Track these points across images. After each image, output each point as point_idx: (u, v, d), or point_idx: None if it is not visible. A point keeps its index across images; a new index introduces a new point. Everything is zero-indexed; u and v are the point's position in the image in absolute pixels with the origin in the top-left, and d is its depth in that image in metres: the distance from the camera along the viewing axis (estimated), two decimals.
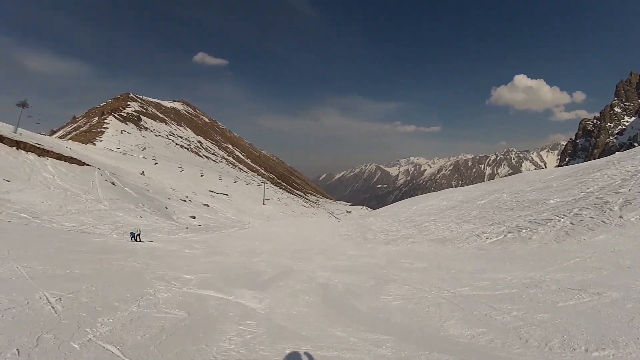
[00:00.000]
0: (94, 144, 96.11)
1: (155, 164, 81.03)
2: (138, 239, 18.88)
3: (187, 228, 28.45)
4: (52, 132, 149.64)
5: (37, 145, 33.69)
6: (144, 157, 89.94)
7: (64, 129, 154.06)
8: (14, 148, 31.58)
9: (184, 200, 46.00)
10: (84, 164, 36.86)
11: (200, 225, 34.17)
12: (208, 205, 48.34)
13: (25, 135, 37.69)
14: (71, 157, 36.20)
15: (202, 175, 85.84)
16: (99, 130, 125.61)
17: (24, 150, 32.12)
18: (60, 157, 34.64)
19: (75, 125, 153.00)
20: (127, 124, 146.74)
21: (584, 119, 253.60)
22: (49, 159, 33.16)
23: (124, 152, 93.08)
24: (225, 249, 19.59)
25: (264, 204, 78.16)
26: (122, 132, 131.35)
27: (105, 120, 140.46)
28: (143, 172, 58.28)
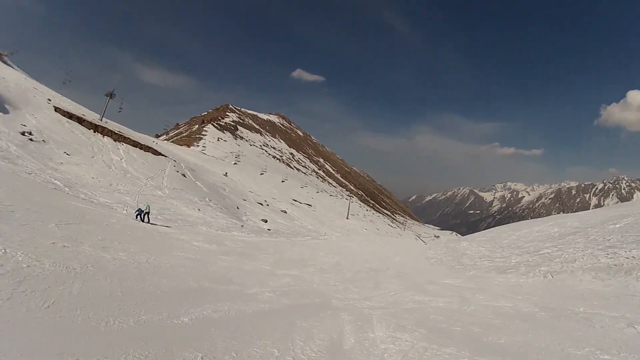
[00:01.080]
0: (188, 147, 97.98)
1: (262, 173, 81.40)
2: (144, 219, 15.48)
3: (241, 226, 24.72)
4: (157, 136, 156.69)
5: (115, 131, 32.35)
6: (235, 163, 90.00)
7: (167, 134, 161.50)
8: (92, 130, 30.69)
9: (261, 204, 43.09)
10: (160, 154, 35.24)
11: (269, 229, 30.90)
12: (286, 212, 45.14)
13: (111, 124, 36.84)
14: (147, 146, 34.67)
15: (283, 181, 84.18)
16: (197, 136, 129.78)
17: (101, 134, 31.69)
18: (136, 144, 33.45)
19: (177, 131, 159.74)
20: (224, 133, 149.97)
21: None
22: (124, 144, 32.21)
23: (215, 157, 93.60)
24: (262, 254, 16.16)
25: (347, 218, 74.03)
26: (218, 140, 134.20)
27: (205, 128, 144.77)
28: (226, 173, 56.52)
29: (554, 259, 18.76)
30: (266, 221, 34.04)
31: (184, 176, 33.44)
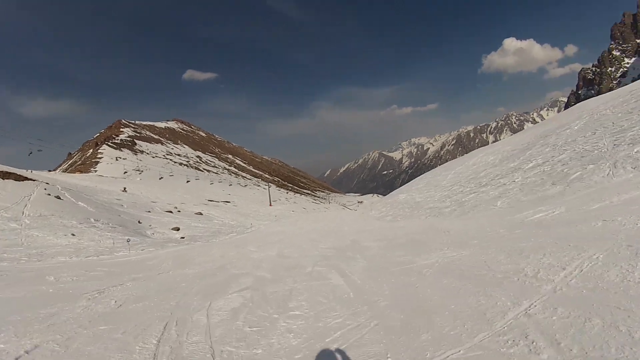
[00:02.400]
0: (82, 172, 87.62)
1: (161, 178, 74.18)
2: None
3: (128, 241, 18.26)
4: (49, 172, 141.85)
5: None
6: (139, 179, 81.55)
7: (60, 168, 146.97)
8: None
9: (170, 212, 36.45)
10: (26, 178, 27.49)
11: (183, 237, 24.68)
12: (201, 214, 38.69)
13: None
14: (6, 172, 26.81)
15: (188, 182, 78.24)
16: (93, 161, 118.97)
17: None
18: None
19: (71, 161, 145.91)
20: (121, 150, 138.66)
21: (583, 68, 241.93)
22: None
23: (115, 177, 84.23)
24: (144, 277, 10.97)
25: (270, 205, 68.56)
26: (117, 159, 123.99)
27: (99, 150, 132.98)
28: (125, 188, 48.70)
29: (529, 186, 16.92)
30: (178, 229, 27.76)
31: (59, 199, 26.21)
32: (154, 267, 12.12)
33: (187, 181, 78.55)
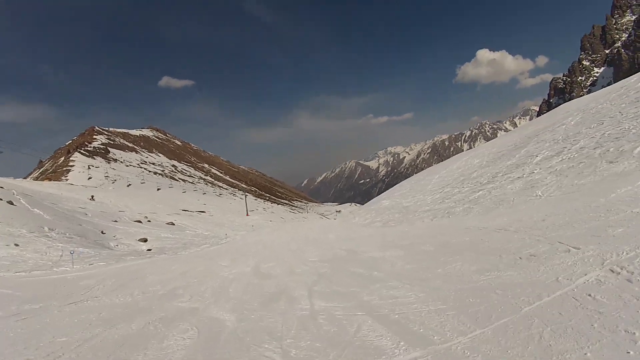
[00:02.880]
0: (50, 180, 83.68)
1: (129, 185, 71.24)
2: None
3: (71, 253, 15.53)
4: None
5: None
6: (112, 188, 78.17)
7: (31, 176, 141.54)
8: None
9: (139, 222, 33.83)
10: None
11: (150, 249, 22.29)
12: (173, 224, 36.06)
13: None
14: None
15: (158, 189, 75.60)
16: (64, 169, 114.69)
17: None
18: None
19: (42, 169, 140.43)
20: (94, 159, 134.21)
21: (554, 78, 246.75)
22: None
23: (85, 186, 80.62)
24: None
25: (247, 214, 66.10)
26: (89, 168, 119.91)
27: (71, 158, 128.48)
28: (93, 196, 45.74)
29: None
30: (146, 240, 25.26)
31: (12, 204, 23.46)
32: (80, 290, 9.40)
33: (158, 189, 75.75)
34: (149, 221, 34.93)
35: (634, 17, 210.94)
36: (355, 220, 26.59)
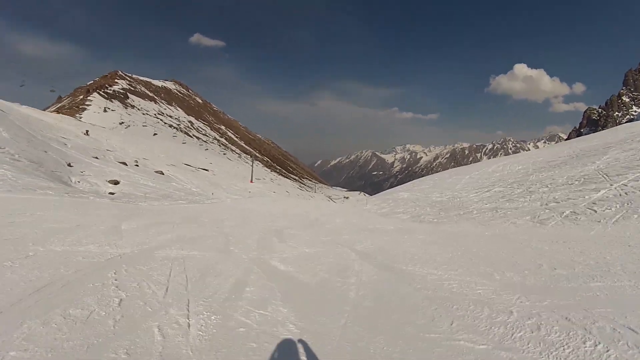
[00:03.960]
0: (58, 113, 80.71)
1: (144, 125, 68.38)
2: None
3: None
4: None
5: None
6: (123, 132, 75.21)
7: (48, 109, 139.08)
8: None
9: (124, 164, 29.83)
10: None
11: (113, 193, 18.36)
12: (162, 173, 32.07)
13: None
14: None
15: (155, 134, 72.33)
16: (80, 107, 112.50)
17: None
18: None
19: (60, 105, 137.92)
20: (112, 102, 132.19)
21: (590, 108, 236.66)
22: None
23: (102, 126, 77.43)
24: None
25: (251, 181, 62.09)
26: (105, 110, 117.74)
27: (89, 98, 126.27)
28: (87, 131, 42.00)
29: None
30: (117, 182, 21.29)
31: None
32: None
33: (155, 134, 72.01)
34: (136, 165, 30.98)
35: None
36: (367, 207, 22.43)
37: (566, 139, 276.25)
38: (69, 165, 21.57)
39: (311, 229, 11.82)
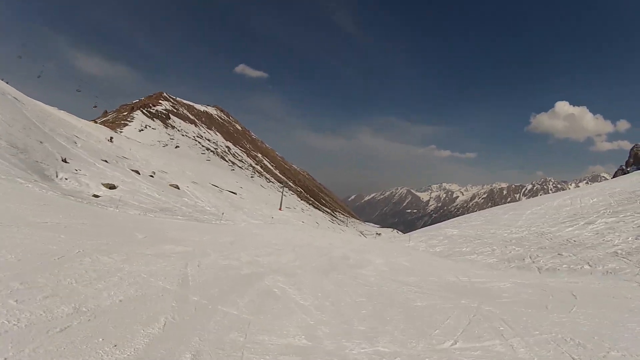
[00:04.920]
0: (95, 122, 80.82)
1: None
2: None
3: None
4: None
5: None
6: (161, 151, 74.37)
7: (93, 122, 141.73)
8: None
9: (136, 172, 26.77)
10: None
11: (97, 195, 15.08)
12: (178, 187, 28.88)
13: None
14: None
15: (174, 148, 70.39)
16: (122, 122, 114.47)
17: None
18: None
19: (104, 119, 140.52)
20: (154, 120, 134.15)
21: (636, 145, 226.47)
22: None
23: (130, 138, 76.77)
24: None
25: (280, 209, 58.57)
26: (146, 127, 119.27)
27: (132, 114, 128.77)
28: (112, 138, 39.75)
29: None
30: (113, 187, 18.09)
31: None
32: None
33: (177, 146, 70.59)
34: (151, 176, 27.95)
35: None
36: (411, 244, 18.41)
37: (613, 177, 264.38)
38: (64, 160, 18.59)
39: (333, 275, 7.91)
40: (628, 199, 16.52)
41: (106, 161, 24.61)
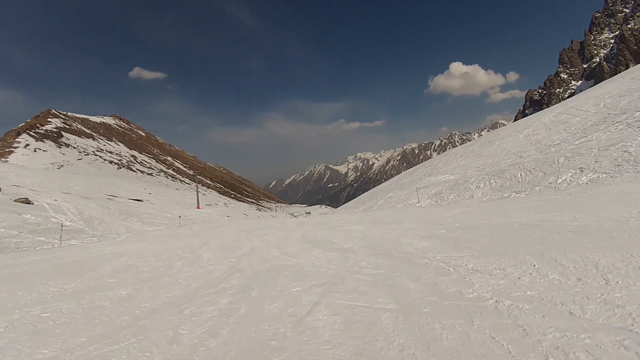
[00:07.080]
0: None
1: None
2: None
3: None
4: None
5: None
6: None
7: None
8: None
9: None
10: None
11: None
12: (29, 202, 20.03)
13: None
14: None
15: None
16: (7, 150, 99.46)
17: None
18: None
19: None
20: (44, 141, 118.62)
21: (530, 90, 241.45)
22: None
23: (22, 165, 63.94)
24: None
25: (198, 207, 49.94)
26: (35, 150, 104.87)
27: (17, 140, 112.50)
28: None
29: None
30: None
31: None
32: None
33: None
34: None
35: (612, 35, 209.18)
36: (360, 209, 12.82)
37: (514, 121, 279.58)
38: None
39: None
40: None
41: None
